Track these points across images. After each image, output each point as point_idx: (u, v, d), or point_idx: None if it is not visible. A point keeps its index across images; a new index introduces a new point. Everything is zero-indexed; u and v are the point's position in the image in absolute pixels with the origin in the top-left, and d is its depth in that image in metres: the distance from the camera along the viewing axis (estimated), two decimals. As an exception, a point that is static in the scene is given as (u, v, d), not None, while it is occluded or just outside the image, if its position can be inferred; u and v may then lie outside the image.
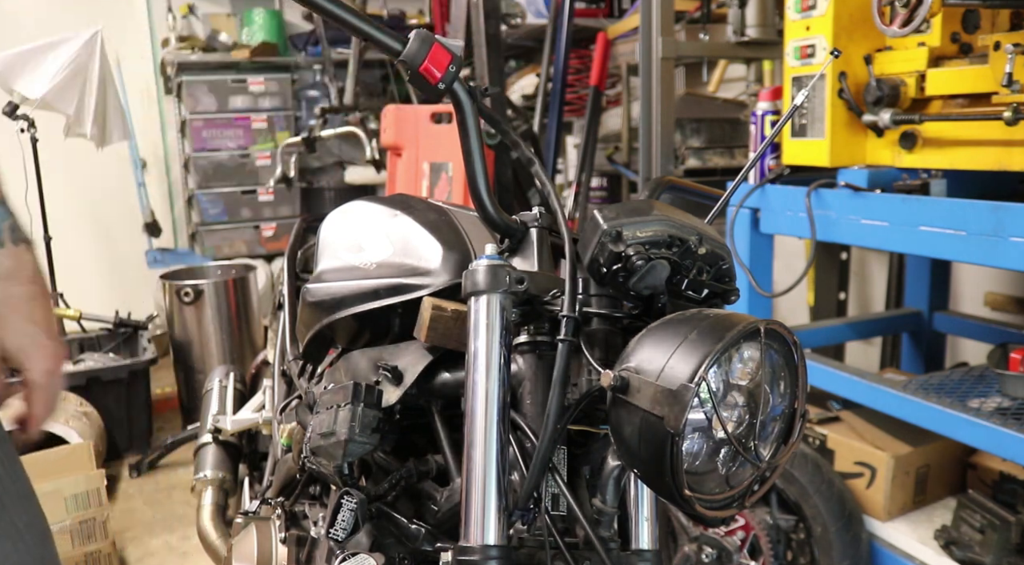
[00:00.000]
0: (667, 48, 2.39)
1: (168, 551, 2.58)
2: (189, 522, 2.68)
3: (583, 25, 3.49)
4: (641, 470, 0.68)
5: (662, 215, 0.75)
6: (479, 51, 2.71)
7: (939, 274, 2.49)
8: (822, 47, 1.80)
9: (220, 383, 2.37)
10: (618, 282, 0.75)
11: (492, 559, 0.74)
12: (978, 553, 1.73)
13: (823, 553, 1.82)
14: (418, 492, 1.01)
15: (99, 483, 2.31)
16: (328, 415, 0.95)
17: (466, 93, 0.71)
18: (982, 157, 1.61)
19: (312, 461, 1.02)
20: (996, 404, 1.71)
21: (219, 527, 1.93)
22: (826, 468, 1.90)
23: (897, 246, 1.69)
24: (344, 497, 0.94)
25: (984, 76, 1.54)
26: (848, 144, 1.83)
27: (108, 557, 2.32)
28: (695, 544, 1.84)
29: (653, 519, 0.83)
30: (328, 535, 0.93)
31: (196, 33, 4.58)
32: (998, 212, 1.44)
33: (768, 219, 2.00)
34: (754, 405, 0.68)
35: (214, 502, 2.02)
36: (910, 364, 2.56)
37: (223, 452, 2.15)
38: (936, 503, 1.98)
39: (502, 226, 0.85)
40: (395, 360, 1.00)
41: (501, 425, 0.76)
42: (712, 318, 0.66)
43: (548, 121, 3.42)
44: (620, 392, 0.66)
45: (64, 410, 2.79)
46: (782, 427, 0.72)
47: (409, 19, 4.60)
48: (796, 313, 3.18)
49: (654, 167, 2.46)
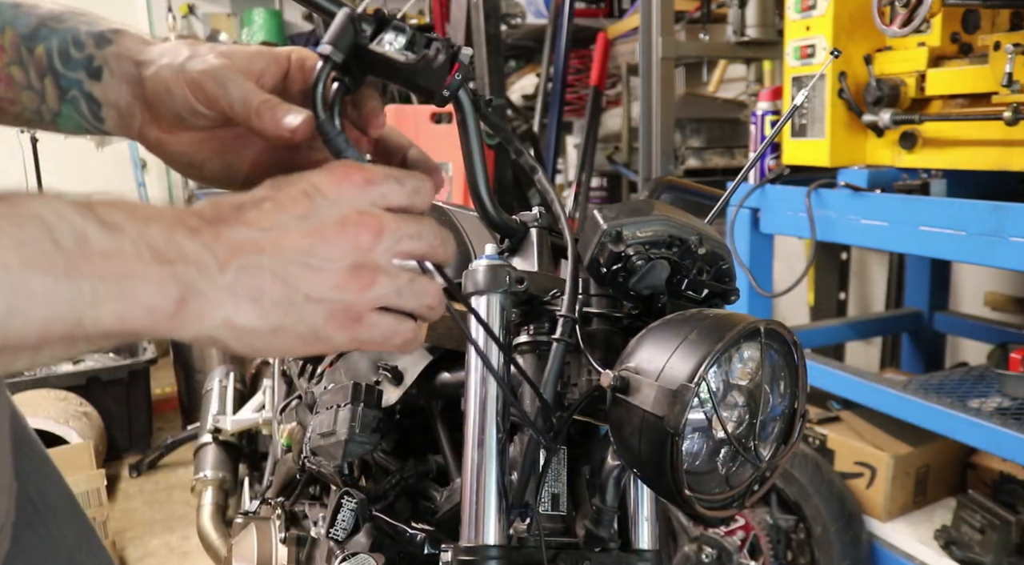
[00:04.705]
0: (667, 48, 2.39)
1: (168, 551, 2.58)
2: (189, 522, 2.68)
3: (583, 25, 3.49)
4: (641, 470, 0.68)
5: (662, 215, 0.75)
6: (479, 51, 2.71)
7: (939, 274, 2.50)
8: (822, 47, 1.80)
9: (220, 383, 2.37)
10: (618, 282, 0.75)
11: (492, 559, 0.74)
12: (978, 553, 1.73)
13: (823, 553, 1.82)
14: (418, 492, 1.01)
15: (99, 483, 2.31)
16: (328, 415, 0.95)
17: (470, 102, 0.71)
18: (982, 157, 1.61)
19: (312, 461, 1.02)
20: (996, 404, 1.71)
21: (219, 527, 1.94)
22: (826, 468, 1.90)
23: (897, 246, 1.69)
24: (344, 497, 0.94)
25: (984, 76, 1.54)
26: (848, 144, 1.83)
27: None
28: (695, 544, 1.84)
29: (653, 519, 0.83)
30: (328, 535, 0.93)
31: (196, 33, 4.58)
32: (998, 212, 1.44)
33: (768, 219, 2.00)
34: (754, 405, 0.68)
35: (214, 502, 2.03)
36: (910, 364, 2.56)
37: (223, 452, 2.15)
38: (936, 503, 1.98)
39: (502, 226, 0.85)
40: (395, 360, 1.00)
41: (501, 425, 0.76)
42: (712, 318, 0.66)
43: (548, 121, 3.42)
44: (620, 392, 0.66)
45: (64, 410, 2.79)
46: (782, 427, 0.72)
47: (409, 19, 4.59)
48: (796, 313, 3.18)
49: (654, 167, 2.46)
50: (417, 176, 0.54)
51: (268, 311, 0.47)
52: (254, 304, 0.47)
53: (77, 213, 0.42)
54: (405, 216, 0.52)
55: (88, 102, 0.66)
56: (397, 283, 0.51)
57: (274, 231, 0.48)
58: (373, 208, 0.51)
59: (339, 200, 0.50)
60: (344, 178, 0.51)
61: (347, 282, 0.49)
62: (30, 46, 0.66)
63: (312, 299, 0.48)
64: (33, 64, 0.66)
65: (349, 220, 0.49)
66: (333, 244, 0.48)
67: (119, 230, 0.43)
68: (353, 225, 0.49)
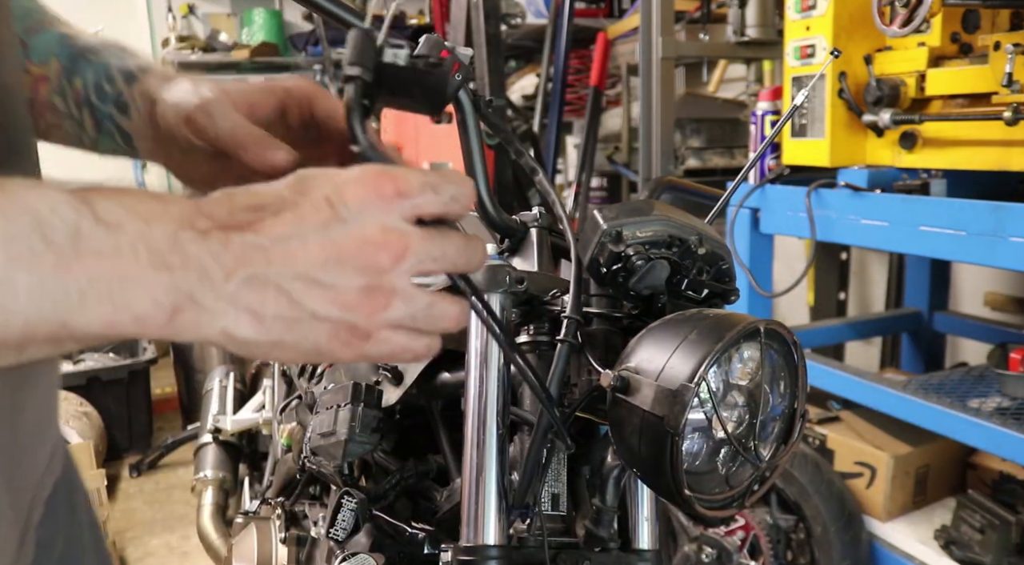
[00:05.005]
0: (667, 48, 2.39)
1: (168, 551, 2.58)
2: (189, 522, 2.68)
3: (583, 25, 3.49)
4: (641, 470, 0.68)
5: (662, 215, 0.75)
6: (479, 51, 2.71)
7: (939, 274, 2.50)
8: (822, 47, 1.80)
9: (220, 383, 2.37)
10: (618, 282, 0.75)
11: (492, 559, 0.74)
12: (978, 553, 1.73)
13: (823, 553, 1.82)
14: (418, 492, 1.01)
15: (99, 483, 2.31)
16: (328, 415, 0.95)
17: (471, 103, 0.71)
18: (982, 157, 1.61)
19: (312, 461, 1.02)
20: (996, 404, 1.72)
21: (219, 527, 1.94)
22: (826, 468, 1.90)
23: (897, 246, 1.69)
24: (344, 497, 0.94)
25: (984, 76, 1.54)
26: (848, 144, 1.83)
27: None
28: (695, 544, 1.84)
29: (653, 519, 0.83)
30: (328, 535, 0.93)
31: (196, 33, 4.58)
32: (998, 212, 1.45)
33: (768, 219, 2.00)
34: (754, 405, 0.68)
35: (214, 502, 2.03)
36: (910, 364, 2.56)
37: (223, 452, 2.15)
38: (936, 503, 1.98)
39: (502, 226, 0.85)
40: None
41: (501, 425, 0.76)
42: (712, 318, 0.66)
43: (548, 121, 3.42)
44: (620, 392, 0.66)
45: (64, 410, 2.79)
46: (782, 427, 0.72)
47: (409, 19, 4.60)
48: (796, 313, 3.18)
49: (654, 167, 2.46)
50: (456, 180, 0.50)
51: (270, 325, 0.45)
52: (255, 318, 0.44)
53: (73, 207, 0.40)
54: (433, 233, 0.49)
55: (120, 134, 0.70)
56: (413, 308, 0.48)
57: (288, 242, 0.45)
58: (400, 223, 0.47)
59: (364, 213, 0.46)
60: (374, 189, 0.47)
61: (358, 304, 0.46)
62: (70, 78, 0.71)
63: (318, 317, 0.46)
64: (73, 95, 0.70)
65: (370, 239, 0.46)
66: (348, 263, 0.45)
67: (117, 228, 0.41)
68: (374, 245, 0.46)
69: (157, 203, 0.43)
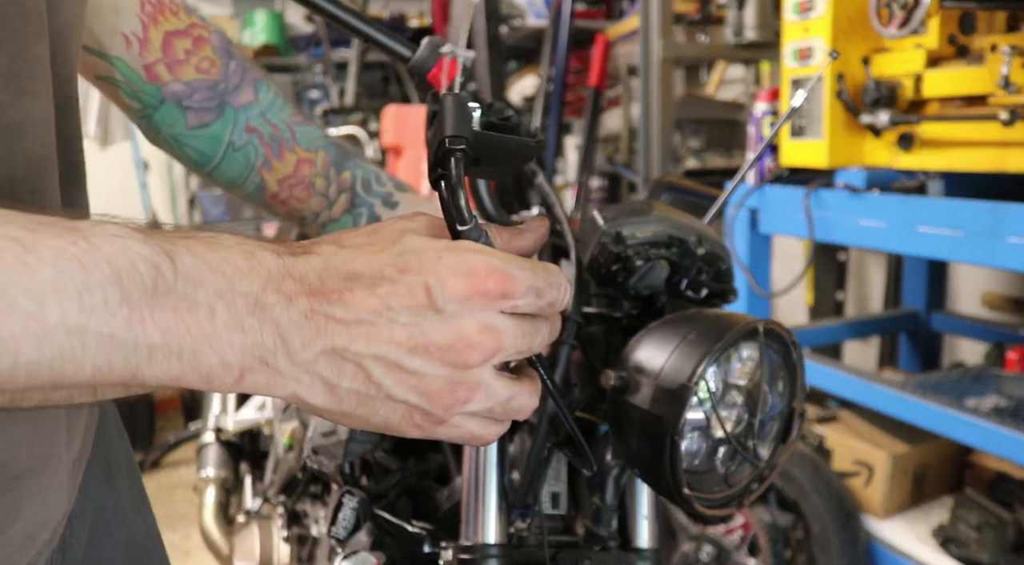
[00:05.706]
0: (666, 49, 2.40)
1: (170, 549, 2.57)
2: (191, 521, 2.69)
3: (583, 26, 3.50)
4: (641, 469, 0.68)
5: (662, 215, 0.76)
6: (479, 53, 2.72)
7: (936, 274, 2.50)
8: (820, 49, 1.81)
9: (221, 383, 2.37)
10: (617, 282, 0.75)
11: (492, 558, 0.74)
12: (975, 551, 1.74)
13: (821, 551, 1.83)
14: (419, 491, 1.01)
15: (100, 483, 2.31)
16: (330, 415, 0.95)
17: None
18: (979, 158, 1.62)
19: (313, 460, 1.02)
20: (993, 404, 1.72)
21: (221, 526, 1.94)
22: (824, 467, 1.91)
23: (895, 246, 1.70)
24: (345, 496, 0.94)
25: (981, 78, 1.55)
26: (846, 145, 1.84)
27: (109, 556, 2.33)
28: (694, 542, 1.85)
29: (653, 518, 0.84)
30: (329, 534, 0.94)
31: (196, 34, 4.57)
32: (995, 212, 1.45)
33: (767, 220, 2.00)
34: (753, 404, 0.69)
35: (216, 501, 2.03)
36: (908, 364, 2.57)
37: (225, 451, 2.15)
38: (933, 502, 1.98)
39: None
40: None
41: (502, 424, 0.76)
42: (711, 318, 0.67)
43: (548, 122, 3.42)
44: (620, 392, 0.66)
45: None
46: (781, 426, 0.72)
47: (410, 20, 4.60)
48: (794, 313, 3.19)
49: (654, 168, 2.47)
50: (558, 285, 0.48)
51: (342, 397, 0.44)
52: (329, 388, 0.43)
53: (153, 263, 0.38)
54: (527, 329, 0.47)
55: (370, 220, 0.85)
56: (492, 402, 0.47)
57: (376, 321, 0.43)
58: (498, 319, 0.45)
59: (464, 309, 0.44)
60: (479, 287, 0.44)
61: (439, 394, 0.45)
62: (338, 170, 0.86)
63: (394, 398, 0.44)
64: (337, 182, 0.86)
65: (465, 336, 0.44)
66: (436, 355, 0.44)
67: (197, 284, 0.39)
68: (467, 343, 0.44)
69: (245, 260, 0.41)
